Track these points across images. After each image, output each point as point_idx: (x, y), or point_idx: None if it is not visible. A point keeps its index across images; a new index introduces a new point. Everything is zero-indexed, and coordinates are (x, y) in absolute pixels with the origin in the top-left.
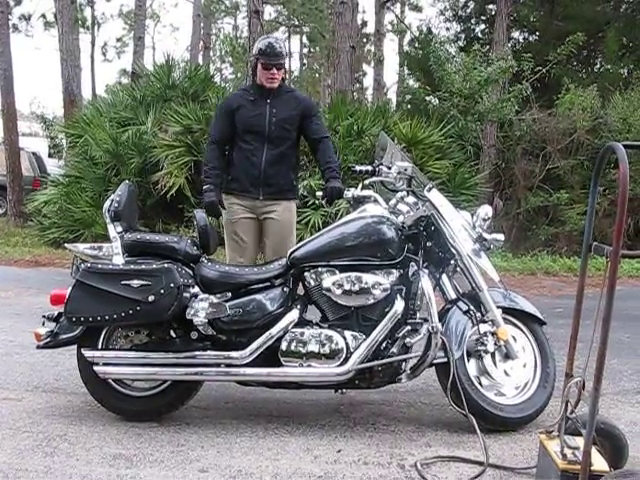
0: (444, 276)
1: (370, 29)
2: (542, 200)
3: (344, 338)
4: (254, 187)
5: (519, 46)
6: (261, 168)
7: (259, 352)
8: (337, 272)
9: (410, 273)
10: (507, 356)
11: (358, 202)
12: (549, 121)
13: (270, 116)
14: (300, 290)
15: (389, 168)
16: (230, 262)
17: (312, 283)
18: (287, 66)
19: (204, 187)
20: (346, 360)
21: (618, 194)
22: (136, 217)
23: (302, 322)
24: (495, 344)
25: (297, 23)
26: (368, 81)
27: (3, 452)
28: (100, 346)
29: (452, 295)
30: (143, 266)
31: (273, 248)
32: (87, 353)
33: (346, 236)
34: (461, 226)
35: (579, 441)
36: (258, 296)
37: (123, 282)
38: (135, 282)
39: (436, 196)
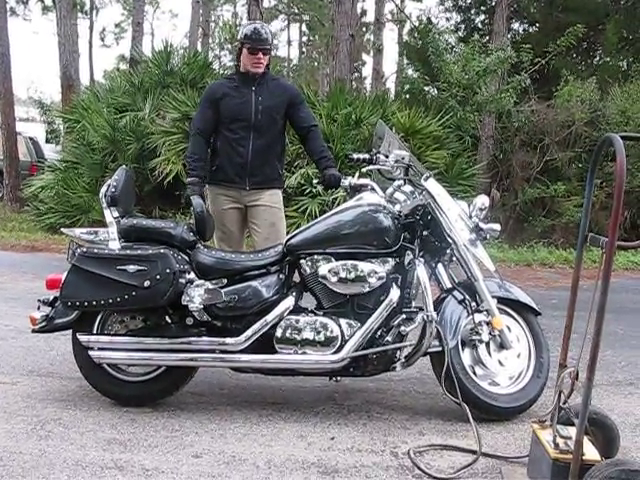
0: (440, 265)
1: (370, 18)
2: (539, 192)
3: (339, 326)
4: (240, 177)
5: (519, 37)
6: (247, 158)
7: (254, 339)
8: (333, 260)
9: (406, 262)
10: (501, 346)
11: (355, 190)
12: (547, 113)
13: (256, 104)
14: (296, 277)
15: (387, 156)
16: None
17: (308, 270)
18: (280, 54)
19: (189, 180)
20: (341, 348)
21: (615, 185)
22: (133, 203)
23: (297, 309)
24: (490, 334)
25: (296, 11)
26: (367, 70)
27: None
28: (95, 331)
29: (447, 284)
30: (139, 251)
31: (264, 235)
32: (82, 338)
33: (342, 224)
34: (458, 216)
35: (571, 431)
36: (254, 283)
37: (119, 267)
38: (131, 267)
39: (433, 185)
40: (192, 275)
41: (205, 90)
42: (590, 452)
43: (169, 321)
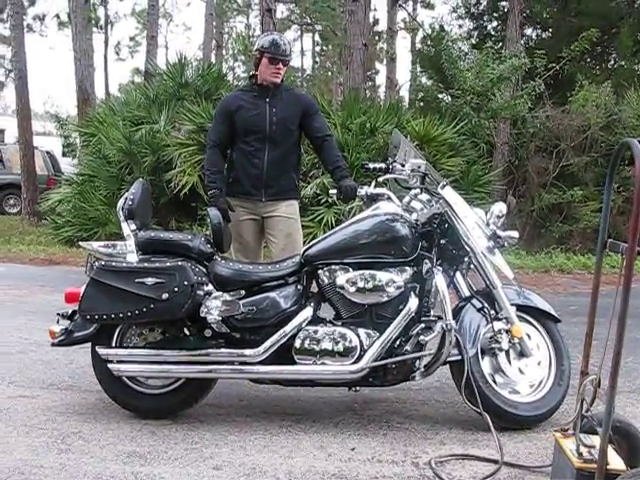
0: (458, 273)
1: (382, 27)
2: (556, 197)
3: (358, 336)
4: (256, 189)
5: (532, 43)
6: (263, 169)
7: (273, 350)
8: (351, 270)
9: (424, 271)
10: (521, 354)
11: (371, 200)
12: (562, 118)
13: (270, 116)
14: (314, 288)
15: (402, 165)
16: None
17: (326, 281)
18: (294, 64)
19: (210, 192)
20: (360, 358)
21: (634, 190)
22: (150, 215)
23: (316, 320)
24: (509, 342)
25: (309, 21)
26: (380, 79)
27: (18, 449)
28: (114, 344)
29: (466, 293)
30: (157, 264)
31: (281, 246)
32: (101, 351)
33: (360, 234)
34: (475, 223)
35: (595, 440)
36: (272, 294)
37: (137, 280)
38: (149, 280)
39: (450, 193)
40: (210, 287)
41: (219, 103)
42: (615, 461)
43: (187, 333)
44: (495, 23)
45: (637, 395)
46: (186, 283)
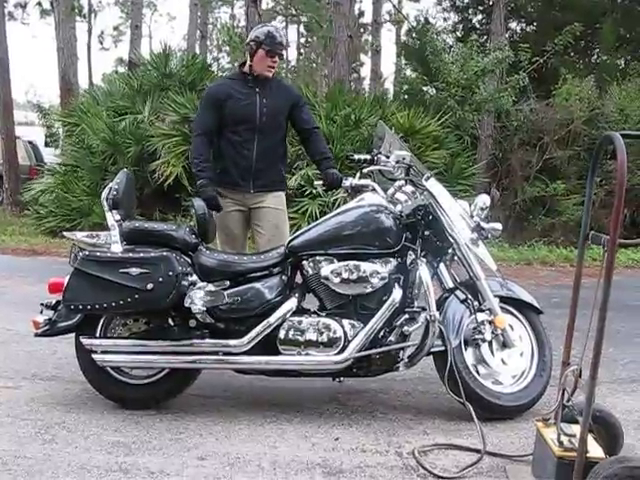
0: (442, 265)
1: (367, 19)
2: (539, 190)
3: (342, 326)
4: (244, 180)
5: (517, 36)
6: (252, 161)
7: (257, 340)
8: (335, 261)
9: (408, 262)
10: (504, 345)
11: (356, 191)
12: (546, 111)
13: (261, 106)
14: (298, 279)
15: (387, 157)
16: None
17: (310, 272)
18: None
19: (199, 182)
20: (344, 348)
21: (616, 184)
22: (134, 206)
23: (300, 310)
24: (492, 333)
25: (294, 12)
26: (365, 71)
27: (2, 440)
28: (98, 334)
29: (450, 284)
30: (141, 254)
31: (268, 237)
32: (85, 341)
33: (344, 225)
34: (459, 215)
35: (575, 429)
36: (256, 284)
37: (121, 270)
38: (133, 270)
39: (434, 185)
40: (194, 277)
41: (207, 91)
42: (594, 450)
43: (172, 324)
44: (480, 16)
45: (617, 385)
46: (170, 273)
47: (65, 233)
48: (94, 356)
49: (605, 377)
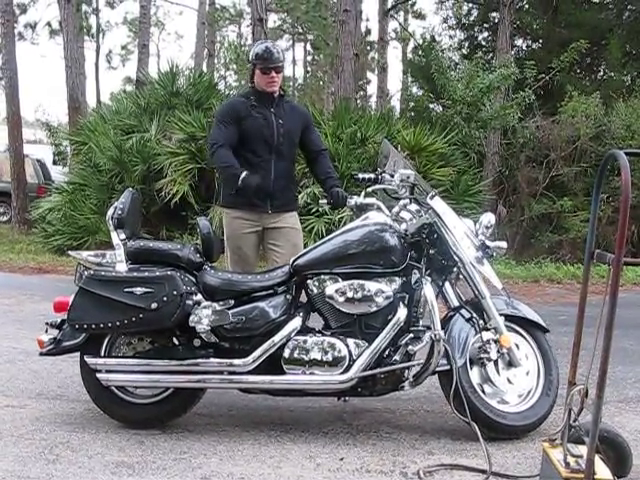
0: (447, 284)
1: (374, 37)
2: (545, 207)
3: (347, 346)
4: (262, 200)
5: (522, 53)
6: (270, 180)
7: (262, 360)
8: (340, 280)
9: (413, 281)
10: (510, 364)
11: (361, 210)
12: (552, 128)
13: (278, 127)
14: (303, 298)
15: (392, 176)
16: None
17: (315, 291)
18: (285, 73)
19: (242, 177)
20: (349, 368)
21: (621, 201)
22: (139, 224)
23: (305, 330)
24: (498, 352)
25: (301, 31)
26: (372, 89)
27: (6, 459)
28: (103, 353)
29: (455, 303)
30: (146, 273)
31: (287, 256)
32: (90, 360)
33: (349, 244)
34: (464, 234)
35: (582, 449)
36: (261, 304)
37: (126, 289)
38: (138, 289)
39: (439, 203)
40: (199, 296)
41: (223, 107)
42: (602, 471)
43: (177, 343)
44: (486, 34)
45: (624, 405)
46: (175, 292)
47: (70, 252)
48: (99, 375)
49: (613, 396)
